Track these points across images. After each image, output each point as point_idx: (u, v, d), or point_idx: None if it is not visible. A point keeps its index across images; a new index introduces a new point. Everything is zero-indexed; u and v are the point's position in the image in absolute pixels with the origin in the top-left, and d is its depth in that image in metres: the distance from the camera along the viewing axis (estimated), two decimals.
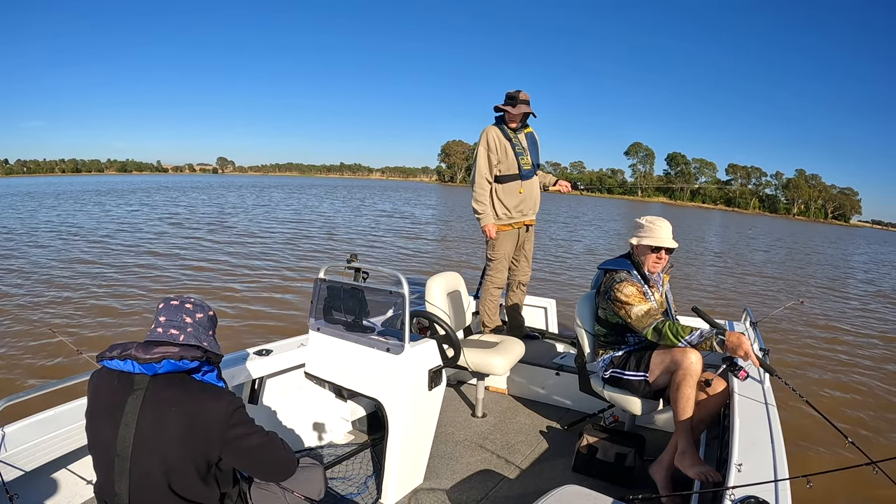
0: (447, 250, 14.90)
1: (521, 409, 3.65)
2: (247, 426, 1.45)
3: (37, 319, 6.75)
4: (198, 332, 1.49)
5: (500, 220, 3.88)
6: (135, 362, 1.36)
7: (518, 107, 3.77)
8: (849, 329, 8.91)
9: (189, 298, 1.54)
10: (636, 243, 2.70)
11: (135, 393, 1.36)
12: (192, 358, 1.40)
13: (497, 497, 2.62)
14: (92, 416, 1.43)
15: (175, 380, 1.40)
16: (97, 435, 1.41)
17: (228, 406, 1.41)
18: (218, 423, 1.37)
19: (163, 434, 1.34)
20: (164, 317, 1.48)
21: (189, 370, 1.43)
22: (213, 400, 1.40)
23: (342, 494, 2.56)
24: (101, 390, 1.42)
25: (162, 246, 13.28)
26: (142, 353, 1.35)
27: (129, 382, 1.38)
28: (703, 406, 2.42)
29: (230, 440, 1.40)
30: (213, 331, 1.57)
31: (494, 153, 3.79)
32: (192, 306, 1.52)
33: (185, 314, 1.49)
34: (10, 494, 1.61)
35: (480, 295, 4.06)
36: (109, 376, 1.41)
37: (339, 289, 2.71)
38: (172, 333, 1.45)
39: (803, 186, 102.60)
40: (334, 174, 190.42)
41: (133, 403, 1.35)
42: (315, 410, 3.02)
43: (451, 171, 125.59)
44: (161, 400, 1.36)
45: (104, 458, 1.38)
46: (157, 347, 1.38)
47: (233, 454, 1.42)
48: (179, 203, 29.28)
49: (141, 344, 1.39)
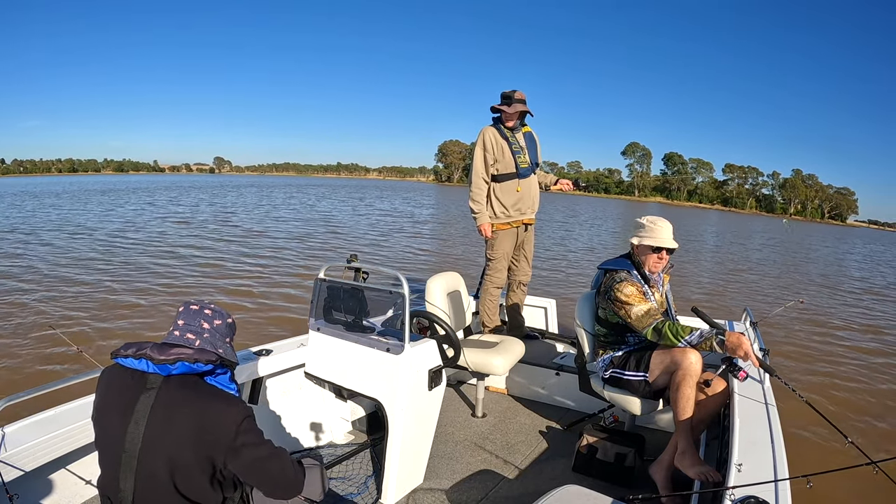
0: (447, 250, 14.89)
1: (521, 409, 3.65)
2: (255, 436, 1.44)
3: (38, 316, 6.77)
4: (214, 338, 1.49)
5: (497, 218, 3.89)
6: (149, 362, 1.36)
7: (513, 105, 3.78)
8: (849, 329, 8.92)
9: (209, 304, 1.55)
10: (637, 243, 2.70)
11: (147, 392, 1.37)
12: (206, 361, 1.40)
13: (497, 497, 2.62)
14: (101, 411, 1.43)
15: (188, 382, 1.40)
16: (105, 430, 1.41)
17: (238, 414, 1.40)
18: (227, 429, 1.37)
19: (171, 434, 1.34)
20: (182, 320, 1.49)
21: (202, 373, 1.43)
22: (225, 406, 1.40)
23: (342, 494, 2.56)
24: (113, 387, 1.43)
25: (164, 245, 13.26)
26: (157, 354, 1.36)
27: (142, 381, 1.38)
28: (703, 406, 2.42)
29: (237, 448, 1.39)
30: (231, 338, 1.57)
31: (491, 153, 3.80)
32: (210, 312, 1.52)
33: (203, 319, 1.50)
34: (10, 494, 1.61)
35: (480, 295, 4.06)
36: (122, 374, 1.41)
37: (339, 289, 2.71)
38: (189, 338, 1.46)
39: (800, 186, 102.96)
40: (331, 174, 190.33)
41: (145, 402, 1.35)
42: (315, 410, 3.01)
43: (448, 171, 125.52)
44: (173, 400, 1.36)
45: (111, 453, 1.38)
46: (173, 349, 1.39)
47: (238, 463, 1.41)
48: (181, 203, 29.26)
49: (156, 344, 1.39)
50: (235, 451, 1.39)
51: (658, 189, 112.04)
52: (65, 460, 2.00)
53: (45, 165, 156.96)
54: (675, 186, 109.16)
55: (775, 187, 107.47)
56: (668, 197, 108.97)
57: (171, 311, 7.33)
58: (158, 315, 7.11)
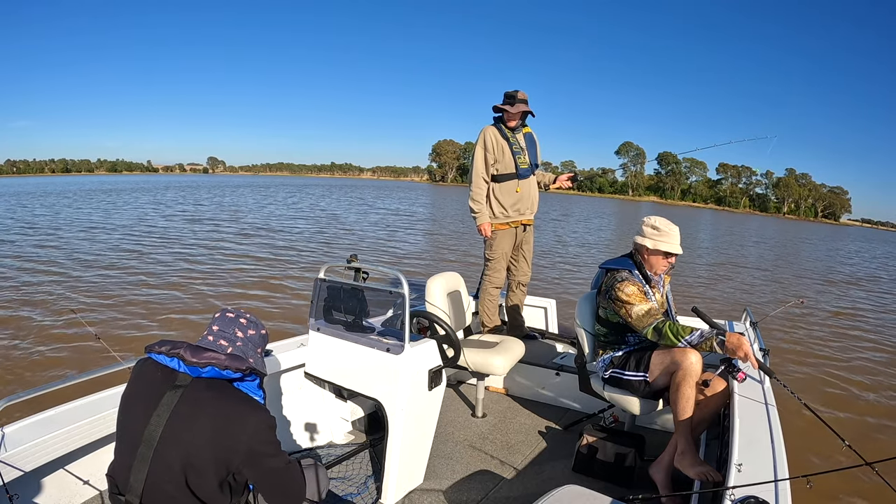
0: (447, 250, 14.90)
1: (521, 409, 3.66)
2: (274, 446, 1.46)
3: (59, 308, 6.98)
4: (246, 347, 1.52)
5: (496, 218, 3.89)
6: (181, 362, 1.39)
7: (516, 105, 3.78)
8: (849, 329, 8.96)
9: (245, 314, 1.58)
10: (652, 247, 2.66)
11: (175, 388, 1.39)
12: (236, 369, 1.42)
13: (497, 497, 2.62)
14: (127, 400, 1.46)
15: (216, 384, 1.42)
16: (127, 420, 1.43)
17: (262, 422, 1.42)
18: (248, 435, 1.38)
19: (192, 431, 1.35)
20: (217, 326, 1.51)
21: (231, 378, 1.45)
22: (250, 411, 1.42)
23: (342, 494, 2.55)
24: (143, 379, 1.45)
25: (166, 245, 13.31)
26: (189, 356, 1.38)
27: (171, 378, 1.41)
28: (702, 406, 2.42)
29: (254, 455, 1.40)
30: (262, 348, 1.60)
31: (491, 153, 3.80)
32: (245, 322, 1.55)
33: (237, 328, 1.53)
34: (10, 494, 1.60)
35: (479, 295, 4.06)
36: (154, 368, 1.43)
37: (339, 289, 2.70)
38: (221, 344, 1.48)
39: (793, 185, 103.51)
40: (325, 174, 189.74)
41: (170, 397, 1.38)
42: (315, 410, 3.01)
43: (443, 170, 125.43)
44: (199, 399, 1.38)
45: (128, 442, 1.40)
46: (206, 353, 1.41)
47: (252, 469, 1.43)
48: (184, 203, 29.34)
49: (190, 346, 1.42)
50: (252, 458, 1.40)
51: (652, 188, 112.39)
52: (65, 460, 1.99)
53: (39, 166, 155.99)
54: (668, 186, 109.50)
55: (769, 186, 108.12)
56: (662, 196, 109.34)
57: (165, 309, 7.34)
58: (159, 312, 7.14)
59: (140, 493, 1.36)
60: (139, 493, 1.36)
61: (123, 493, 1.39)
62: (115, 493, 1.44)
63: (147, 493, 1.37)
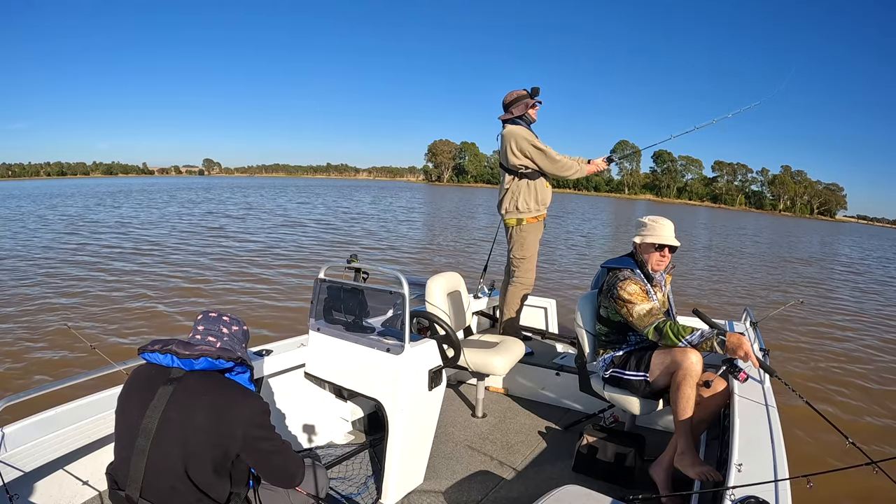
0: (447, 250, 14.87)
1: (521, 409, 3.66)
2: (268, 431, 1.52)
3: (50, 315, 6.90)
4: (233, 342, 1.61)
5: (529, 212, 3.73)
6: (174, 356, 1.43)
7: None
8: (849, 329, 8.94)
9: (226, 313, 1.66)
10: (640, 241, 2.72)
11: (169, 382, 1.43)
12: (227, 358, 1.47)
13: (497, 497, 2.62)
14: (123, 399, 1.49)
15: (210, 376, 1.48)
16: (124, 418, 1.47)
17: (256, 408, 1.49)
18: (243, 421, 1.44)
19: (189, 420, 1.39)
20: (202, 326, 1.59)
21: (223, 369, 1.51)
22: (244, 398, 1.47)
23: (342, 494, 2.55)
24: (137, 379, 1.50)
25: (168, 245, 13.29)
26: (182, 349, 1.43)
27: (165, 373, 1.45)
28: (703, 406, 2.43)
29: (251, 440, 1.46)
30: (246, 343, 1.69)
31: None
32: (228, 319, 1.64)
33: (222, 325, 1.61)
34: (10, 494, 1.61)
35: (506, 298, 3.88)
36: (148, 367, 1.49)
37: (339, 289, 2.70)
38: (210, 340, 1.55)
39: (789, 182, 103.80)
40: (321, 174, 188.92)
41: (165, 390, 1.42)
42: (315, 410, 3.00)
43: (438, 170, 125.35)
44: (193, 390, 1.43)
45: (126, 438, 1.43)
46: (198, 346, 1.47)
47: (249, 453, 1.48)
48: (187, 203, 29.25)
49: (181, 341, 1.47)
50: (249, 443, 1.46)
51: (647, 187, 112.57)
52: (65, 460, 1.99)
53: (34, 169, 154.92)
54: (664, 184, 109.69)
55: (764, 184, 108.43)
56: (658, 194, 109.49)
57: (168, 310, 7.31)
58: (158, 314, 7.10)
59: (140, 485, 1.39)
60: (139, 485, 1.39)
61: (123, 487, 1.42)
62: (114, 489, 1.46)
63: (147, 484, 1.39)
